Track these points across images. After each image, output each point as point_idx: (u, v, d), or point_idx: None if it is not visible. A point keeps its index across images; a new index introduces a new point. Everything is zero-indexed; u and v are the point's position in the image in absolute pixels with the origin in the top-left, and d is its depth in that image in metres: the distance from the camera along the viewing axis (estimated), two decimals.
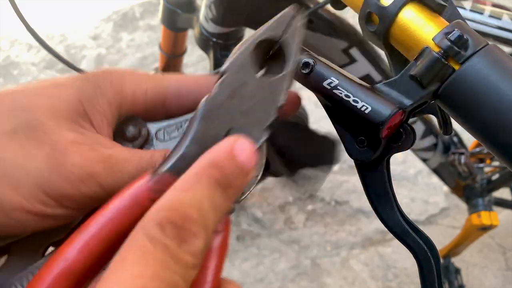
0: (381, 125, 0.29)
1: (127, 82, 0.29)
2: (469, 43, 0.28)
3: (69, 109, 0.26)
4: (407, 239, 0.31)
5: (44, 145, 0.24)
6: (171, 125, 0.30)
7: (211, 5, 0.72)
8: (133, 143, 0.29)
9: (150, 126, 0.30)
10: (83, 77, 0.27)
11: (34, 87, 0.26)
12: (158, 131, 0.30)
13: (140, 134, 0.29)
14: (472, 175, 1.00)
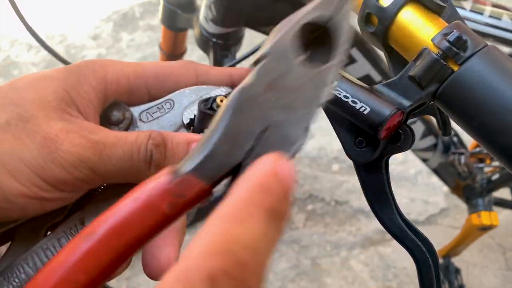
0: (380, 126, 0.29)
1: (109, 69, 0.30)
2: (468, 44, 0.28)
3: (55, 99, 0.27)
4: (405, 240, 0.31)
5: (36, 135, 0.26)
6: (152, 106, 0.32)
7: (211, 5, 0.72)
8: (119, 126, 0.31)
9: (133, 109, 0.31)
10: (66, 68, 0.29)
11: (22, 82, 0.28)
12: (141, 113, 0.31)
13: (124, 117, 0.31)
14: (472, 175, 1.00)
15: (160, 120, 0.32)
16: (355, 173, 0.32)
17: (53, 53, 0.59)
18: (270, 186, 0.18)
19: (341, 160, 1.58)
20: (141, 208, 0.19)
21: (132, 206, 0.19)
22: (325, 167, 1.58)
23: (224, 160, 0.21)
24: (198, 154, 0.21)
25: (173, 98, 0.32)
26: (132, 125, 0.31)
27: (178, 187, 0.20)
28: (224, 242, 0.17)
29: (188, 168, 0.21)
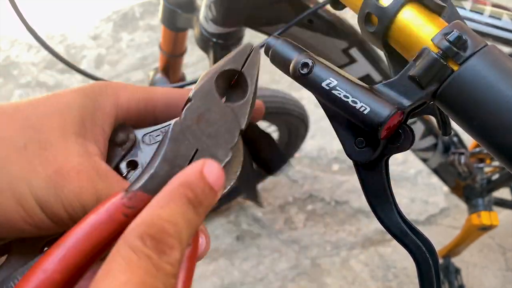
0: (380, 125, 0.29)
1: (121, 93, 0.31)
2: (468, 44, 0.28)
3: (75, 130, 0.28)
4: (405, 240, 0.31)
5: (49, 166, 0.27)
6: (155, 130, 0.33)
7: (211, 5, 0.72)
8: (122, 146, 0.32)
9: (137, 132, 0.33)
10: (83, 94, 0.30)
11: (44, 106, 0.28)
12: (144, 136, 0.33)
13: (128, 138, 0.32)
14: (472, 175, 1.00)
15: None
16: (355, 173, 0.32)
17: (53, 53, 0.59)
18: (192, 182, 0.25)
19: (341, 160, 1.58)
20: (102, 219, 0.25)
21: (95, 218, 0.25)
22: (325, 167, 1.58)
23: (165, 177, 0.26)
24: (144, 176, 0.27)
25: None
26: (135, 147, 0.32)
27: (130, 201, 0.25)
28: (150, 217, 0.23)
29: (136, 186, 0.26)
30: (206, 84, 0.30)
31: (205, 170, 0.25)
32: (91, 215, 0.25)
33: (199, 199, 0.25)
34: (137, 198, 0.26)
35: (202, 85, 0.30)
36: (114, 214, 0.25)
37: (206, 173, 0.25)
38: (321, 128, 1.60)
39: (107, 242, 0.24)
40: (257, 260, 1.38)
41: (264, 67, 0.35)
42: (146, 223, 0.23)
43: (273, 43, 0.32)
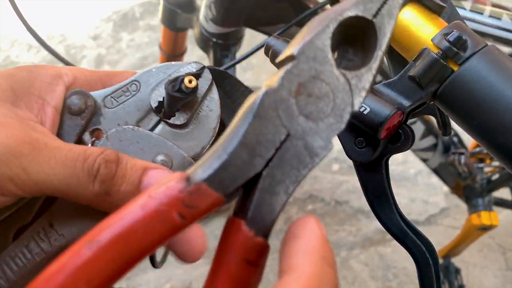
0: (380, 126, 0.29)
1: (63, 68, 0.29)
2: (468, 44, 0.28)
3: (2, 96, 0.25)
4: (405, 240, 0.31)
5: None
6: (116, 90, 0.29)
7: (211, 5, 0.72)
8: (81, 115, 0.28)
9: (96, 95, 0.29)
10: (20, 68, 0.27)
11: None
12: (105, 98, 0.29)
13: (87, 105, 0.28)
14: (472, 175, 1.00)
15: (126, 105, 0.29)
16: (355, 173, 0.32)
17: (53, 53, 0.59)
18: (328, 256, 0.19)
19: (341, 160, 1.58)
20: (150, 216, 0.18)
21: (139, 214, 0.18)
22: (325, 167, 1.58)
23: (242, 170, 0.19)
24: (213, 161, 0.19)
25: (139, 78, 0.30)
26: (97, 114, 0.29)
27: (190, 197, 0.19)
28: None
29: (202, 176, 0.19)
30: (320, 38, 0.21)
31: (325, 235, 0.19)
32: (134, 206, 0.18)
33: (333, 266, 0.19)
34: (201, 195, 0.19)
35: (314, 38, 0.21)
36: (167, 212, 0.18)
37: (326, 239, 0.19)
38: None
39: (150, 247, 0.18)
40: None
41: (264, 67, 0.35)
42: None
43: (273, 43, 0.32)
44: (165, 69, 0.30)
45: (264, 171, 0.20)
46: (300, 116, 0.20)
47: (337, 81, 0.21)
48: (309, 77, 0.21)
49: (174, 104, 0.29)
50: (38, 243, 0.27)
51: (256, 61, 1.75)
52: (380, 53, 0.22)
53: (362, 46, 0.23)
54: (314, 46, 0.21)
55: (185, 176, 0.19)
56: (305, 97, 0.21)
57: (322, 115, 0.21)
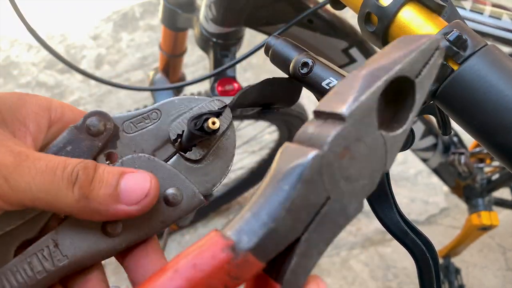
0: None
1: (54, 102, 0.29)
2: (468, 43, 0.28)
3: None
4: (405, 240, 0.31)
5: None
6: (137, 116, 0.29)
7: (211, 5, 0.72)
8: (99, 137, 0.28)
9: (117, 117, 0.29)
10: (11, 92, 0.28)
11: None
12: (124, 122, 0.29)
13: (106, 128, 0.28)
14: (472, 175, 1.00)
15: (145, 132, 0.30)
16: None
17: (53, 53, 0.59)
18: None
19: None
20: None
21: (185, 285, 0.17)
22: None
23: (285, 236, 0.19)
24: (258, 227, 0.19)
25: (161, 107, 0.30)
26: (114, 137, 0.29)
27: (237, 269, 0.18)
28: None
29: (248, 245, 0.18)
30: (370, 98, 0.20)
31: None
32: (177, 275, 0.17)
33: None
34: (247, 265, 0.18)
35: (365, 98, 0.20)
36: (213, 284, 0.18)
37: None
38: None
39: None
40: None
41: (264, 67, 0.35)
42: None
43: (273, 42, 0.32)
44: (187, 102, 0.30)
45: (303, 235, 0.19)
46: (341, 180, 0.20)
47: (377, 142, 0.20)
48: (355, 139, 0.20)
49: (192, 140, 0.29)
50: (41, 261, 0.27)
51: (256, 61, 1.75)
52: (414, 114, 0.21)
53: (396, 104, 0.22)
54: (363, 107, 0.20)
55: (230, 245, 0.18)
56: (348, 159, 0.20)
57: (359, 177, 0.20)
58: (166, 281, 0.17)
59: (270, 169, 0.21)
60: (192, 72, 1.73)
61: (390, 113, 0.22)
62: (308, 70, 0.30)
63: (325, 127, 0.20)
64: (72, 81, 1.77)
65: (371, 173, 0.20)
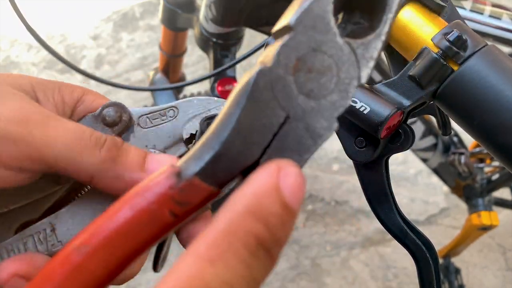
0: (380, 125, 0.28)
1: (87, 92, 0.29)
2: (468, 44, 0.28)
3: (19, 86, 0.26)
4: (405, 240, 0.31)
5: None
6: (154, 111, 0.29)
7: (211, 5, 0.72)
8: (113, 128, 0.28)
9: (134, 111, 0.29)
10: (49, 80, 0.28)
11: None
12: (140, 117, 0.29)
13: (121, 119, 0.28)
14: (472, 175, 1.00)
15: (159, 129, 0.29)
16: (355, 173, 0.32)
17: (53, 53, 0.59)
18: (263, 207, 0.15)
19: (341, 160, 1.58)
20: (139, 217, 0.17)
21: (129, 215, 0.17)
22: (325, 167, 1.57)
23: (236, 160, 0.18)
24: (205, 152, 0.18)
25: (179, 106, 0.30)
26: (128, 130, 0.29)
27: (182, 193, 0.17)
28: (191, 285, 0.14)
29: (193, 170, 0.18)
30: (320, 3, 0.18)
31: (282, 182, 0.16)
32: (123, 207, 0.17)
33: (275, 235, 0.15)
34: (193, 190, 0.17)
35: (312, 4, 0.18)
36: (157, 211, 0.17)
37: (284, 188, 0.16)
38: None
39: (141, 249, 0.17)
40: None
41: None
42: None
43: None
44: (206, 103, 0.30)
45: (261, 158, 0.18)
46: (300, 95, 0.18)
47: (341, 51, 0.18)
48: (308, 50, 0.18)
49: None
50: (36, 244, 0.27)
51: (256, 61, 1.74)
52: (390, 16, 0.19)
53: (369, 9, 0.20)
54: (313, 13, 0.18)
55: (175, 171, 0.18)
56: (305, 73, 0.18)
57: (324, 92, 0.18)
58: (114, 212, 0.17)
59: None
60: (192, 72, 1.73)
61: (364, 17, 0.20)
62: None
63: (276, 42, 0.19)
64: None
65: (340, 87, 0.18)
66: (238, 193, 0.16)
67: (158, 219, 0.17)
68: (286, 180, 0.16)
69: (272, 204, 0.16)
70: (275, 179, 0.16)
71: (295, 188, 0.16)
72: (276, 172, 0.16)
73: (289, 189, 0.16)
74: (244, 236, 0.15)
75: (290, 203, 0.16)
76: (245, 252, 0.15)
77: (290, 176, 0.16)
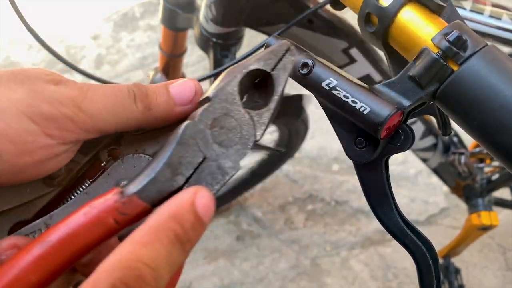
0: (379, 125, 0.29)
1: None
2: (468, 44, 0.28)
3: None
4: (405, 240, 0.31)
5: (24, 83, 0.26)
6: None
7: (211, 5, 0.72)
8: None
9: None
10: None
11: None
12: None
13: None
14: (472, 175, 1.00)
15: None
16: (355, 173, 0.32)
17: (53, 53, 0.59)
18: (181, 215, 0.22)
19: (341, 160, 1.58)
20: (90, 221, 0.23)
21: (82, 219, 0.23)
22: (325, 167, 1.58)
23: (165, 185, 0.24)
24: (143, 179, 0.24)
25: None
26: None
27: (123, 206, 0.23)
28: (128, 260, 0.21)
29: (133, 190, 0.24)
30: (230, 85, 0.27)
31: (196, 201, 0.23)
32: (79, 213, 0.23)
33: (188, 235, 0.23)
34: (132, 205, 0.24)
35: (225, 85, 0.27)
36: (104, 218, 0.23)
37: (198, 205, 0.23)
38: (321, 128, 1.60)
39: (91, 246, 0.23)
40: (257, 260, 1.38)
41: None
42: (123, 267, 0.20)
43: (273, 43, 0.32)
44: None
45: (184, 185, 0.25)
46: (214, 144, 0.26)
47: (243, 117, 0.27)
48: (221, 114, 0.27)
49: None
50: None
51: None
52: (276, 97, 0.27)
53: (265, 92, 0.28)
54: (225, 91, 0.27)
55: (120, 190, 0.24)
56: (219, 129, 0.26)
57: (232, 143, 0.26)
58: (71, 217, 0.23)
59: None
60: (192, 72, 1.73)
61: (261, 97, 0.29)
62: (308, 71, 0.30)
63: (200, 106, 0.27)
64: None
65: (243, 141, 0.27)
66: (166, 204, 0.23)
67: (104, 224, 0.23)
68: (199, 199, 0.23)
69: (187, 214, 0.23)
70: (192, 198, 0.23)
71: (206, 206, 0.23)
72: (193, 193, 0.23)
73: (201, 205, 0.23)
74: (167, 231, 0.22)
75: (201, 215, 0.23)
76: (167, 241, 0.22)
77: (203, 197, 0.23)
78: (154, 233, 0.22)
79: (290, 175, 1.54)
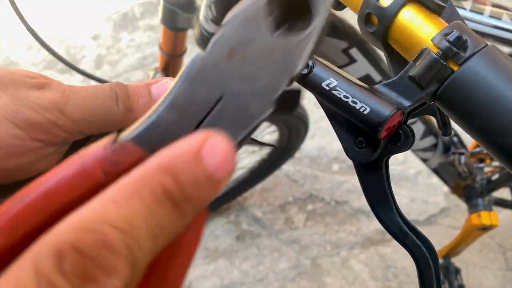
0: (380, 126, 0.29)
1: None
2: (468, 44, 0.28)
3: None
4: (405, 240, 0.31)
5: (8, 88, 0.26)
6: None
7: (211, 5, 0.72)
8: None
9: None
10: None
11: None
12: None
13: None
14: (472, 175, 1.00)
15: None
16: (355, 173, 0.32)
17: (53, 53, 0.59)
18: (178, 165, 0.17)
19: (341, 160, 1.58)
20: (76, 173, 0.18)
21: (65, 172, 0.19)
22: (325, 167, 1.58)
23: (170, 129, 0.20)
24: (143, 122, 0.20)
25: None
26: None
27: (114, 153, 0.19)
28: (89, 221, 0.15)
29: (129, 136, 0.19)
30: (253, 5, 0.21)
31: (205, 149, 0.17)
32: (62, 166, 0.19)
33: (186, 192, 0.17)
34: (125, 152, 0.19)
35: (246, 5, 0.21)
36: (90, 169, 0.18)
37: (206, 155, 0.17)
38: (321, 128, 1.60)
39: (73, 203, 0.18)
40: (257, 260, 1.38)
41: None
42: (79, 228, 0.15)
43: None
44: None
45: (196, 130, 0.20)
46: (234, 78, 0.20)
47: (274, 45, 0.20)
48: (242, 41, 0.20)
49: None
50: None
51: None
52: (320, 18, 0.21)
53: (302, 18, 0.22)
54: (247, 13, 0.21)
55: (113, 137, 0.19)
56: (239, 60, 0.20)
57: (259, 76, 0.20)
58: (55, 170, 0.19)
59: None
60: None
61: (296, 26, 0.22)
62: (308, 71, 0.30)
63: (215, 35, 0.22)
64: (72, 81, 1.77)
65: (273, 75, 0.20)
66: (160, 151, 0.17)
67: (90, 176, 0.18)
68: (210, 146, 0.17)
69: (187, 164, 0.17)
70: (197, 144, 0.17)
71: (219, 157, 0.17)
72: (201, 139, 0.17)
73: (211, 155, 0.17)
74: (152, 185, 0.16)
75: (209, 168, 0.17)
76: (151, 198, 0.16)
77: (215, 144, 0.17)
78: (133, 188, 0.16)
79: (290, 175, 1.54)
